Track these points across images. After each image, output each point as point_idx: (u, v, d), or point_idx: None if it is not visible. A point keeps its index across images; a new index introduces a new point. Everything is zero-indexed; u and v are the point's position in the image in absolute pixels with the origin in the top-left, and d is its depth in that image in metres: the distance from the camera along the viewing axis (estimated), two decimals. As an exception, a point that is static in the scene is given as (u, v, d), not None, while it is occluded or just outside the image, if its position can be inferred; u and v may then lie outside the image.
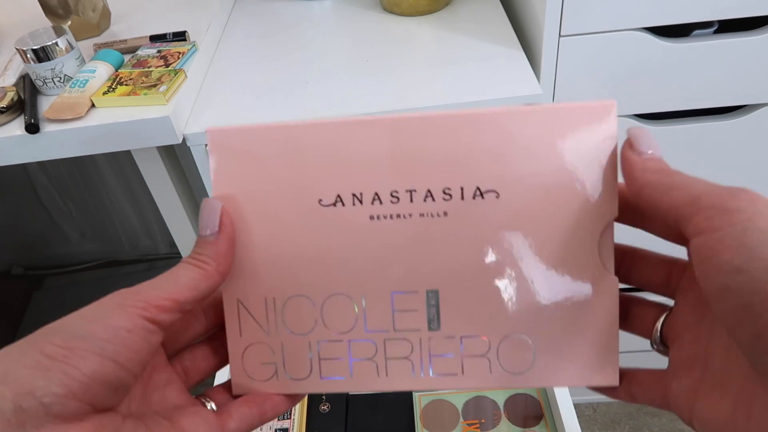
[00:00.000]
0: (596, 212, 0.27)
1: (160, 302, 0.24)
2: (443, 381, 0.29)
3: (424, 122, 0.28)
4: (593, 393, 0.29)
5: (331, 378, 0.29)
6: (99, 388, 0.22)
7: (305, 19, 0.84)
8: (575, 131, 0.27)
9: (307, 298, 0.29)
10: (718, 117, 0.70)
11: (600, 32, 0.63)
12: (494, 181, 0.27)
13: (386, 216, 0.28)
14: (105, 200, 1.31)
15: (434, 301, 0.28)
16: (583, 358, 0.28)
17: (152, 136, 0.63)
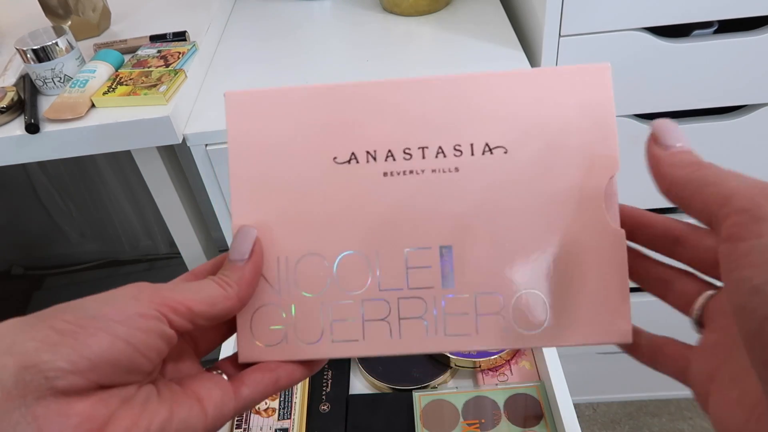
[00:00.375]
0: (599, 167, 0.28)
1: (175, 304, 0.24)
2: (457, 342, 0.29)
3: (436, 83, 0.29)
4: (593, 393, 0.29)
5: (343, 341, 0.29)
6: (108, 367, 0.22)
7: (305, 19, 0.84)
8: (575, 91, 0.28)
9: (320, 257, 0.29)
10: (718, 117, 0.70)
11: (600, 32, 0.63)
12: (502, 138, 0.28)
13: (399, 172, 0.29)
14: (105, 200, 1.31)
15: (448, 256, 0.29)
16: (595, 315, 0.28)
17: (152, 136, 0.63)
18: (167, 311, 0.24)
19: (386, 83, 0.29)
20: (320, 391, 0.58)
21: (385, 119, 0.29)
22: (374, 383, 0.59)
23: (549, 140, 0.28)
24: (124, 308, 0.23)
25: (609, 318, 0.28)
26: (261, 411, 0.55)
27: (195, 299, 0.25)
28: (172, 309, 0.24)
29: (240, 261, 0.27)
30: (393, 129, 0.29)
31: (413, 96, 0.29)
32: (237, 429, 0.54)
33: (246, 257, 0.27)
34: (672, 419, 1.15)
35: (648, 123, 0.71)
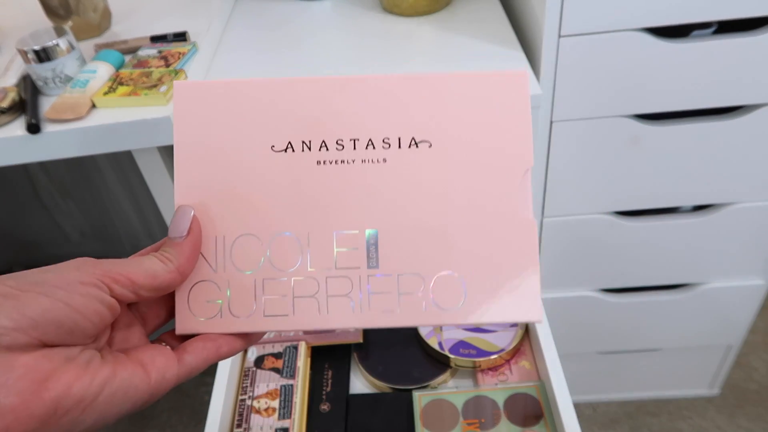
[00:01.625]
0: (515, 162, 0.31)
1: (116, 275, 0.26)
2: (381, 318, 0.31)
3: (367, 82, 0.32)
4: (593, 393, 0.30)
5: (273, 315, 0.31)
6: (49, 326, 0.23)
7: (305, 20, 0.84)
8: (495, 94, 0.32)
9: (255, 237, 0.31)
10: (718, 117, 0.70)
11: (600, 32, 0.63)
12: (428, 133, 0.32)
13: (332, 161, 0.32)
14: (105, 200, 1.31)
15: (373, 240, 0.31)
16: (508, 296, 0.31)
17: (152, 136, 0.63)
18: (108, 281, 0.26)
19: (324, 80, 0.32)
20: (320, 391, 0.58)
21: (321, 113, 0.32)
22: (374, 383, 0.59)
23: (471, 137, 0.31)
24: (65, 276, 0.25)
25: (521, 298, 0.31)
26: (261, 411, 0.55)
27: (136, 272, 0.27)
28: (113, 279, 0.26)
29: (179, 238, 0.30)
30: (328, 122, 0.32)
31: (349, 93, 0.32)
32: (237, 429, 0.54)
33: (184, 234, 0.30)
34: (671, 419, 1.15)
35: (648, 123, 0.71)
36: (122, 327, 0.29)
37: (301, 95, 0.32)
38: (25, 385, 0.22)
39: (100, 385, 0.24)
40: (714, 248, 0.84)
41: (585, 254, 0.87)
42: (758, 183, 0.76)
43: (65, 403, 0.23)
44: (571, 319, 0.97)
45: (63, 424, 0.23)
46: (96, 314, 0.25)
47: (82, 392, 0.23)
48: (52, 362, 0.23)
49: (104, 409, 0.24)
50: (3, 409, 0.21)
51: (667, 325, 0.98)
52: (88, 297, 0.25)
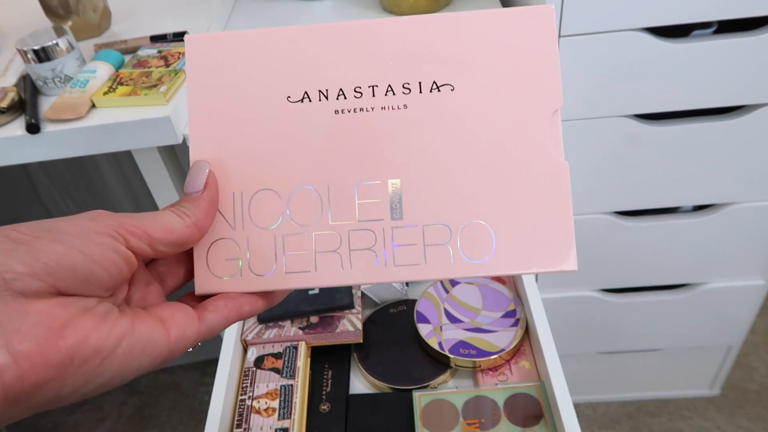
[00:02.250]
0: (543, 102, 0.30)
1: (132, 228, 0.25)
2: (406, 271, 0.30)
3: (383, 25, 0.30)
4: (593, 393, 0.29)
5: (295, 272, 0.30)
6: (64, 273, 0.22)
7: (305, 20, 0.84)
8: (519, 31, 0.30)
9: (273, 192, 0.30)
10: (718, 117, 0.70)
11: (600, 32, 0.63)
12: (449, 76, 0.30)
13: (350, 110, 0.30)
14: (105, 200, 1.31)
15: (396, 190, 0.30)
16: (541, 244, 0.29)
17: (152, 136, 0.63)
18: (124, 233, 0.25)
19: (338, 26, 0.30)
20: (320, 391, 0.58)
21: (337, 60, 0.30)
22: (374, 383, 0.59)
23: (495, 78, 0.30)
24: (79, 224, 0.24)
25: (554, 246, 0.29)
26: (261, 411, 0.55)
27: (153, 225, 0.26)
28: (128, 231, 0.25)
29: (195, 193, 0.29)
30: (345, 69, 0.30)
31: (365, 37, 0.30)
32: (237, 429, 0.54)
33: (200, 189, 0.29)
34: (671, 419, 1.15)
35: (648, 123, 0.71)
36: (140, 285, 0.28)
37: (316, 43, 0.30)
38: (41, 332, 0.21)
39: (118, 337, 0.23)
40: (714, 248, 0.84)
41: (585, 254, 0.87)
42: (758, 183, 0.76)
43: (82, 352, 0.22)
44: (571, 319, 0.97)
45: (80, 374, 0.22)
46: (112, 264, 0.24)
47: (99, 342, 0.23)
48: (68, 311, 0.22)
49: (122, 362, 0.23)
50: (18, 354, 0.21)
51: (667, 325, 0.98)
52: (103, 246, 0.24)
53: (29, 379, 0.21)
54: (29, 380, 0.21)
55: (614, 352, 1.04)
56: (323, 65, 0.30)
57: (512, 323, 0.60)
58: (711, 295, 0.91)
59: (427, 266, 0.30)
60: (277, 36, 0.30)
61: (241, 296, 0.29)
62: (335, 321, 0.61)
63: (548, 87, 0.30)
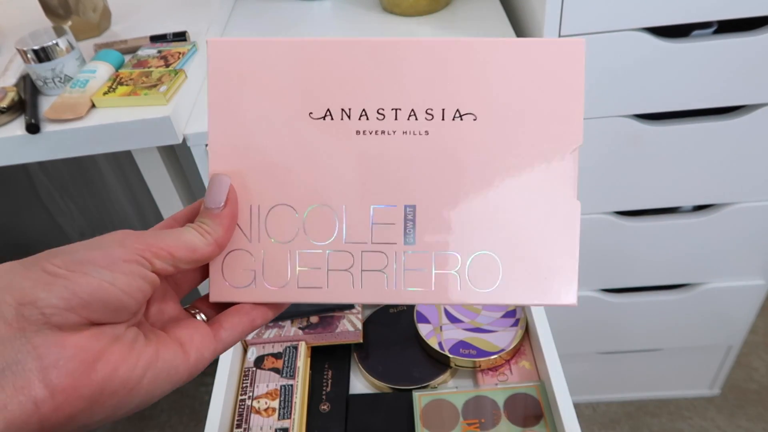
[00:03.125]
0: (563, 139, 0.29)
1: (157, 250, 0.26)
2: (414, 295, 0.30)
3: (412, 46, 0.30)
4: (593, 393, 0.29)
5: (308, 287, 0.30)
6: (97, 305, 0.24)
7: (305, 20, 0.84)
8: (547, 64, 0.29)
9: (290, 208, 0.31)
10: (718, 117, 0.70)
11: (600, 32, 0.63)
12: (473, 105, 0.30)
13: (372, 131, 0.30)
14: (105, 200, 1.31)
15: (411, 215, 0.30)
16: (544, 279, 0.30)
17: (152, 136, 0.63)
18: (150, 256, 0.26)
19: (365, 42, 0.30)
20: (320, 391, 0.58)
21: (362, 79, 0.30)
22: (374, 383, 0.59)
23: (518, 110, 0.30)
24: (109, 253, 0.25)
25: (557, 281, 0.30)
26: (261, 411, 0.55)
27: (176, 245, 0.27)
28: (154, 254, 0.26)
29: (216, 209, 0.29)
30: (369, 89, 0.30)
31: (391, 57, 0.30)
32: (237, 429, 0.54)
33: (221, 205, 0.29)
34: (671, 419, 1.15)
35: (648, 123, 0.71)
36: (158, 299, 0.29)
37: (342, 58, 0.30)
38: (76, 366, 0.22)
39: (144, 367, 0.25)
40: (714, 248, 0.84)
41: (585, 254, 0.86)
42: (758, 183, 0.76)
43: (112, 385, 0.23)
44: (571, 319, 0.97)
45: (109, 405, 0.24)
46: (139, 291, 0.25)
47: (127, 374, 0.24)
48: (100, 342, 0.24)
49: (148, 391, 0.25)
50: (55, 389, 0.22)
51: (667, 325, 0.98)
52: (131, 275, 0.25)
53: (64, 411, 0.22)
54: (64, 412, 0.22)
55: (614, 352, 1.04)
56: (348, 82, 0.30)
57: (512, 323, 0.60)
58: (711, 295, 0.91)
59: (435, 291, 0.30)
60: (302, 47, 0.30)
61: (254, 309, 0.30)
62: (335, 321, 0.61)
63: (571, 124, 0.30)
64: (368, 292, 0.30)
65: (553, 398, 0.52)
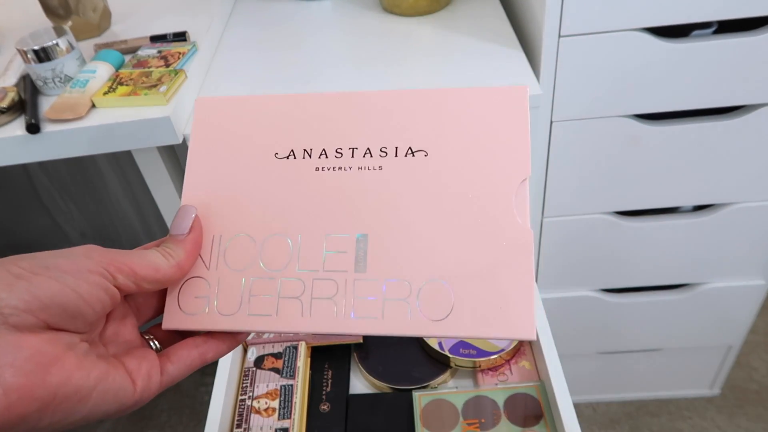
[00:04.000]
0: (512, 172, 0.31)
1: (121, 266, 0.27)
2: (364, 324, 0.30)
3: (369, 96, 0.33)
4: (593, 393, 0.29)
5: (258, 315, 0.31)
6: (56, 309, 0.24)
7: (305, 20, 0.84)
8: (495, 107, 0.32)
9: (250, 237, 0.32)
10: (718, 117, 0.70)
11: (600, 32, 0.63)
12: (425, 143, 0.32)
13: (330, 168, 0.33)
14: (105, 200, 1.31)
15: (363, 243, 0.31)
16: (500, 310, 0.29)
17: (152, 136, 0.63)
18: (113, 270, 0.27)
19: (328, 96, 0.34)
20: (320, 391, 0.58)
21: (324, 124, 0.33)
22: (374, 383, 0.59)
23: (468, 147, 0.32)
24: (75, 262, 0.26)
25: (513, 313, 0.29)
26: (261, 411, 0.55)
27: (140, 263, 0.28)
28: (118, 269, 0.27)
29: (180, 235, 0.30)
30: (329, 132, 0.33)
31: (350, 106, 0.33)
32: (237, 429, 0.54)
33: (185, 232, 0.31)
34: (671, 419, 1.15)
35: (648, 123, 0.71)
36: (116, 319, 0.30)
37: (307, 109, 0.34)
38: (32, 367, 0.23)
39: (96, 380, 0.25)
40: (714, 248, 0.84)
41: (585, 254, 0.86)
42: (758, 183, 0.76)
43: (64, 390, 0.24)
44: (571, 319, 0.97)
45: (58, 411, 0.24)
46: (98, 302, 0.26)
47: (80, 383, 0.24)
48: (56, 347, 0.24)
49: (95, 404, 0.25)
50: (9, 387, 0.22)
51: (667, 325, 0.98)
52: (93, 285, 0.25)
53: (15, 411, 0.22)
54: (15, 412, 0.22)
55: (614, 352, 1.04)
56: (311, 127, 0.33)
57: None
58: (711, 295, 0.91)
59: (384, 321, 0.30)
60: (275, 101, 0.34)
61: (205, 343, 0.31)
62: (335, 321, 0.61)
63: (518, 158, 0.31)
64: (317, 321, 0.31)
65: (553, 398, 0.52)
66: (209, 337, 0.31)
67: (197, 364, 0.30)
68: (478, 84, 0.64)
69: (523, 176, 0.31)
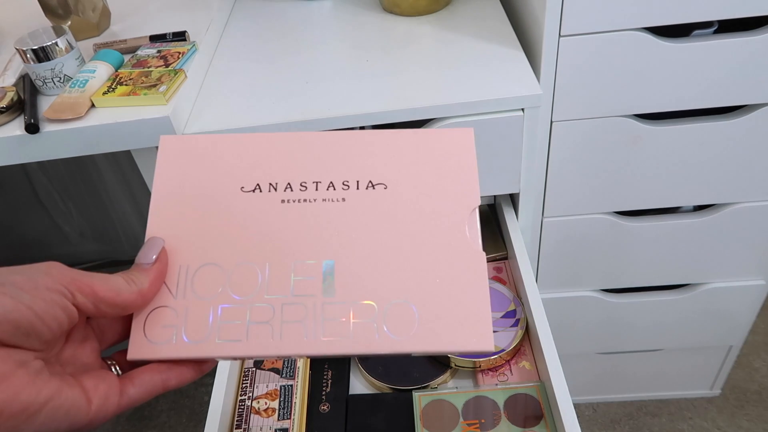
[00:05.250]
0: (463, 201, 0.34)
1: (81, 285, 0.27)
2: (333, 344, 0.32)
3: (331, 137, 0.36)
4: (593, 393, 0.30)
5: (227, 341, 0.32)
6: (8, 326, 0.24)
7: (305, 20, 0.84)
8: (445, 147, 0.36)
9: (218, 266, 0.33)
10: (718, 117, 0.70)
11: (600, 32, 0.63)
12: (384, 177, 0.35)
13: (295, 200, 0.34)
14: (105, 200, 1.31)
15: (330, 269, 0.33)
16: (460, 325, 0.32)
17: (152, 136, 0.63)
18: (73, 289, 0.26)
19: (291, 136, 0.36)
20: (320, 391, 0.58)
21: (288, 161, 0.35)
22: (374, 383, 0.59)
23: (423, 180, 0.35)
24: (33, 278, 0.25)
25: (472, 327, 0.32)
26: (261, 411, 0.55)
27: (101, 285, 0.28)
28: (77, 288, 0.26)
29: (146, 264, 0.31)
30: (294, 168, 0.35)
31: (312, 145, 0.36)
32: (237, 429, 0.54)
33: (151, 261, 0.31)
34: (672, 419, 1.15)
35: (648, 123, 0.71)
36: (76, 341, 0.29)
37: (272, 147, 0.35)
38: None
39: (46, 398, 0.25)
40: (714, 248, 0.84)
41: (585, 254, 0.86)
42: (758, 183, 0.76)
43: (11, 408, 0.23)
44: (571, 319, 0.97)
45: (4, 428, 0.23)
46: (54, 320, 0.25)
47: (29, 400, 0.24)
48: (6, 364, 0.24)
49: (44, 423, 0.25)
50: None
51: (667, 326, 0.98)
52: (50, 303, 0.25)
53: None
54: None
55: (614, 352, 1.04)
56: (276, 164, 0.35)
57: (512, 323, 0.60)
58: (711, 295, 0.91)
59: (353, 340, 0.32)
60: (240, 140, 0.36)
61: (169, 369, 0.31)
62: (335, 321, 0.61)
63: (468, 190, 0.35)
64: (287, 343, 0.31)
65: (554, 398, 0.52)
66: (174, 364, 0.31)
67: (159, 389, 0.30)
68: (479, 84, 0.64)
69: (473, 205, 0.34)
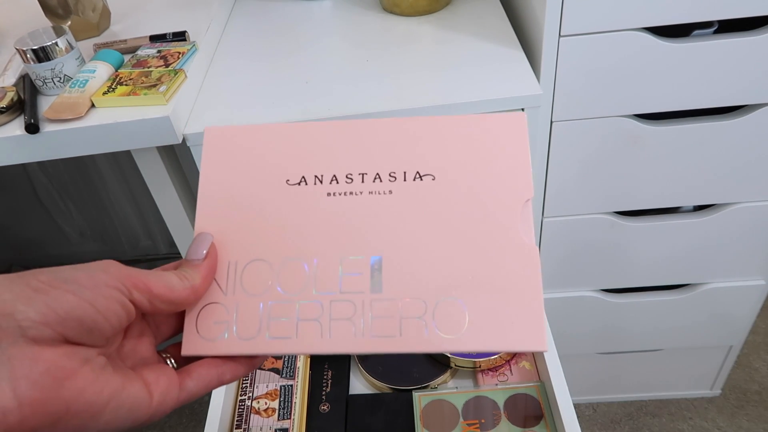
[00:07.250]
0: (515, 193, 0.33)
1: (137, 282, 0.27)
2: (382, 343, 0.31)
3: (376, 124, 0.35)
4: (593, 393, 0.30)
5: (277, 338, 0.31)
6: (73, 323, 0.24)
7: (305, 19, 0.84)
8: (497, 133, 0.34)
9: (265, 262, 0.33)
10: (718, 117, 0.70)
11: (600, 32, 0.63)
12: (431, 168, 0.34)
13: (341, 193, 0.34)
14: (105, 200, 1.31)
15: (378, 265, 0.32)
16: (512, 324, 0.31)
17: (152, 136, 0.63)
18: (129, 286, 0.27)
19: (336, 124, 0.35)
20: (320, 391, 0.58)
21: (333, 152, 0.34)
22: (374, 383, 0.59)
23: (473, 171, 0.33)
24: (93, 276, 0.26)
25: (524, 327, 0.31)
26: (261, 411, 0.55)
27: (156, 282, 0.28)
28: (134, 285, 0.27)
29: (197, 260, 0.31)
30: (339, 159, 0.34)
31: (357, 133, 0.34)
32: (237, 429, 0.54)
33: (201, 257, 0.31)
34: (672, 419, 1.15)
35: (648, 123, 0.71)
36: (134, 335, 0.30)
37: (315, 137, 0.35)
38: (47, 381, 0.23)
39: (110, 395, 0.25)
40: (714, 248, 0.84)
41: (585, 254, 0.86)
42: (758, 183, 0.76)
43: (77, 405, 0.24)
44: (571, 319, 0.97)
45: (71, 425, 0.24)
46: (114, 316, 0.26)
47: (93, 398, 0.24)
48: (72, 361, 0.24)
49: (109, 420, 0.25)
50: (23, 400, 0.22)
51: (667, 326, 0.98)
52: (110, 299, 0.26)
53: (29, 423, 0.22)
54: (29, 425, 0.22)
55: (614, 352, 1.04)
56: (321, 155, 0.34)
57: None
58: (711, 295, 0.91)
59: (402, 338, 0.31)
60: (284, 130, 0.35)
61: (224, 363, 0.31)
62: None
63: (520, 181, 0.33)
64: (336, 341, 0.31)
65: (554, 398, 0.52)
66: (228, 359, 0.31)
67: (214, 384, 0.30)
68: (479, 84, 0.64)
69: (526, 197, 0.32)
